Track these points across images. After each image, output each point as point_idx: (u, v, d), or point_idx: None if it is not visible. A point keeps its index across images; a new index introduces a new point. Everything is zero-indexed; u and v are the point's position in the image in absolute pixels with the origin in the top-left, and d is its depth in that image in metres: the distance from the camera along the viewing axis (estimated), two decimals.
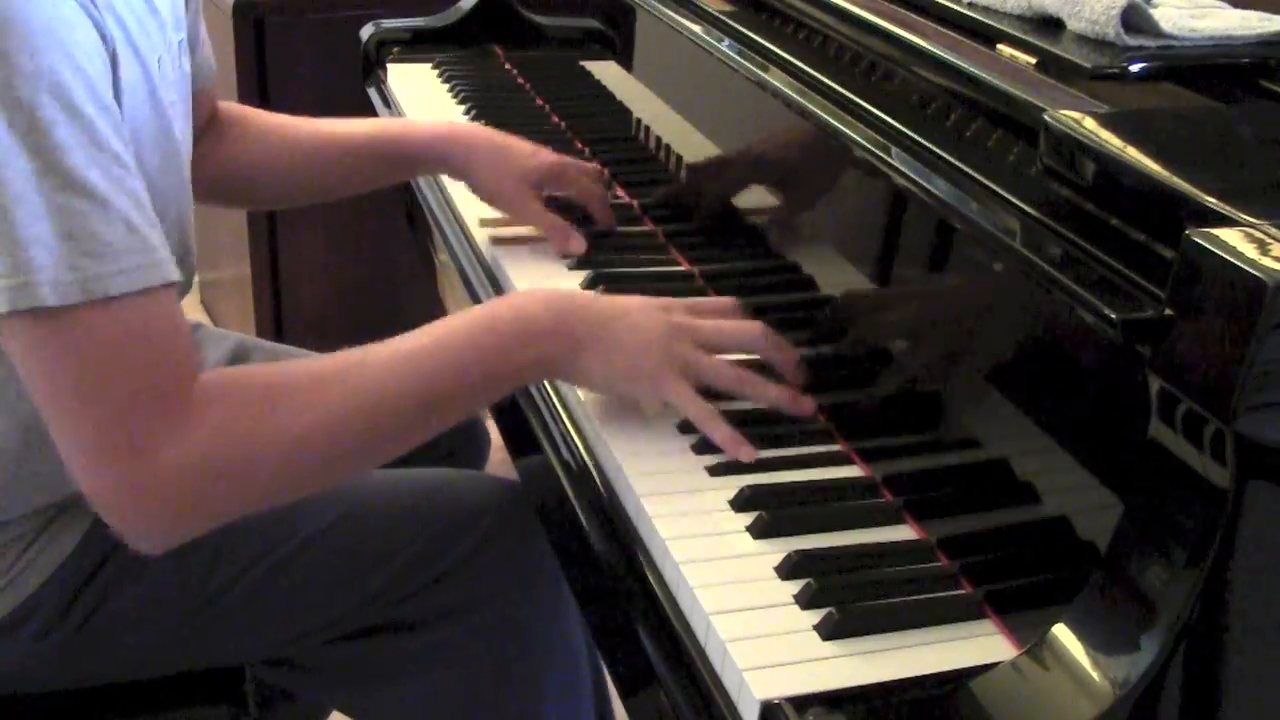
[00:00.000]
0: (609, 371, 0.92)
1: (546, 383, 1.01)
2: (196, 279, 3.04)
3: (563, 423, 0.98)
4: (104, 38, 0.83)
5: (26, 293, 0.76)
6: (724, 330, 0.95)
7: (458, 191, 1.34)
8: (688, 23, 1.24)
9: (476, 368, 0.90)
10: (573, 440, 0.96)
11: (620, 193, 1.35)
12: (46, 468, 0.93)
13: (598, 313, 0.93)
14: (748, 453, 0.89)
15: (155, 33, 0.94)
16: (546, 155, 1.25)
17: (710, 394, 0.92)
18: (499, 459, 1.81)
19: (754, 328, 0.96)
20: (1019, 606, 0.75)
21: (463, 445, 1.30)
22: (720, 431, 0.89)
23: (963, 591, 0.78)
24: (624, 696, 0.83)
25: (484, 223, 1.26)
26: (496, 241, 1.23)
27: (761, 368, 0.95)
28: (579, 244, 1.19)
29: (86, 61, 0.80)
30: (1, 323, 0.78)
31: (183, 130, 1.01)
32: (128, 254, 0.79)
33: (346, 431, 0.86)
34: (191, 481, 0.81)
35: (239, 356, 1.23)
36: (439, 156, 1.26)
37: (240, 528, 1.00)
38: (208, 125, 1.25)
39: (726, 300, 1.02)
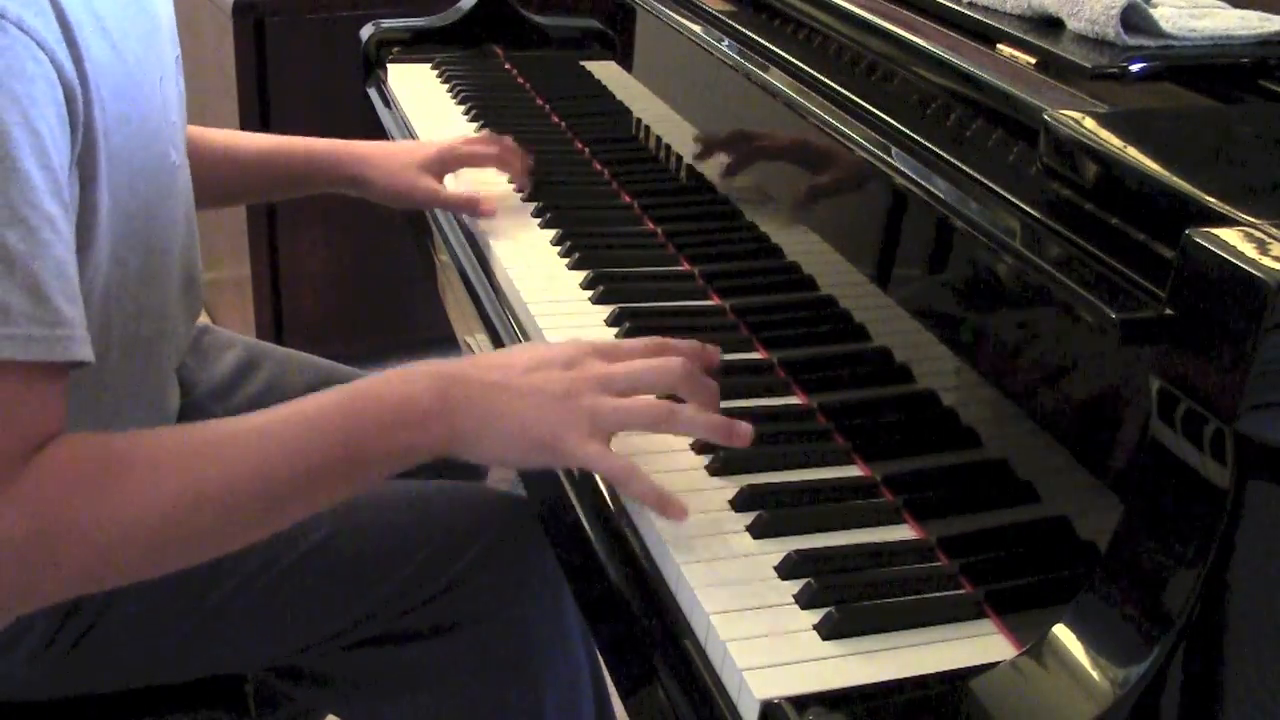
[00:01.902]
0: (507, 446, 0.84)
1: None
2: None
3: None
4: (71, 90, 0.80)
5: None
6: (636, 370, 0.86)
7: (457, 190, 1.34)
8: (688, 23, 1.24)
9: (350, 449, 0.83)
10: None
11: (620, 192, 1.35)
12: None
13: (485, 384, 0.85)
14: (678, 511, 0.81)
15: (157, 49, 0.94)
16: (430, 144, 1.30)
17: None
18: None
19: (672, 363, 0.86)
20: (1019, 606, 0.75)
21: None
22: (644, 488, 0.82)
23: (963, 591, 0.78)
24: (624, 697, 0.83)
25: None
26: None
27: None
28: (489, 206, 1.25)
29: (39, 119, 0.76)
30: None
31: (180, 150, 1.01)
32: (25, 320, 0.74)
33: (196, 515, 0.79)
34: (13, 565, 0.75)
35: (248, 363, 1.22)
36: (331, 169, 1.29)
37: None
38: None
39: (650, 341, 0.91)
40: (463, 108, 1.57)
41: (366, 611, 1.03)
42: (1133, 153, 0.71)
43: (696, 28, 1.22)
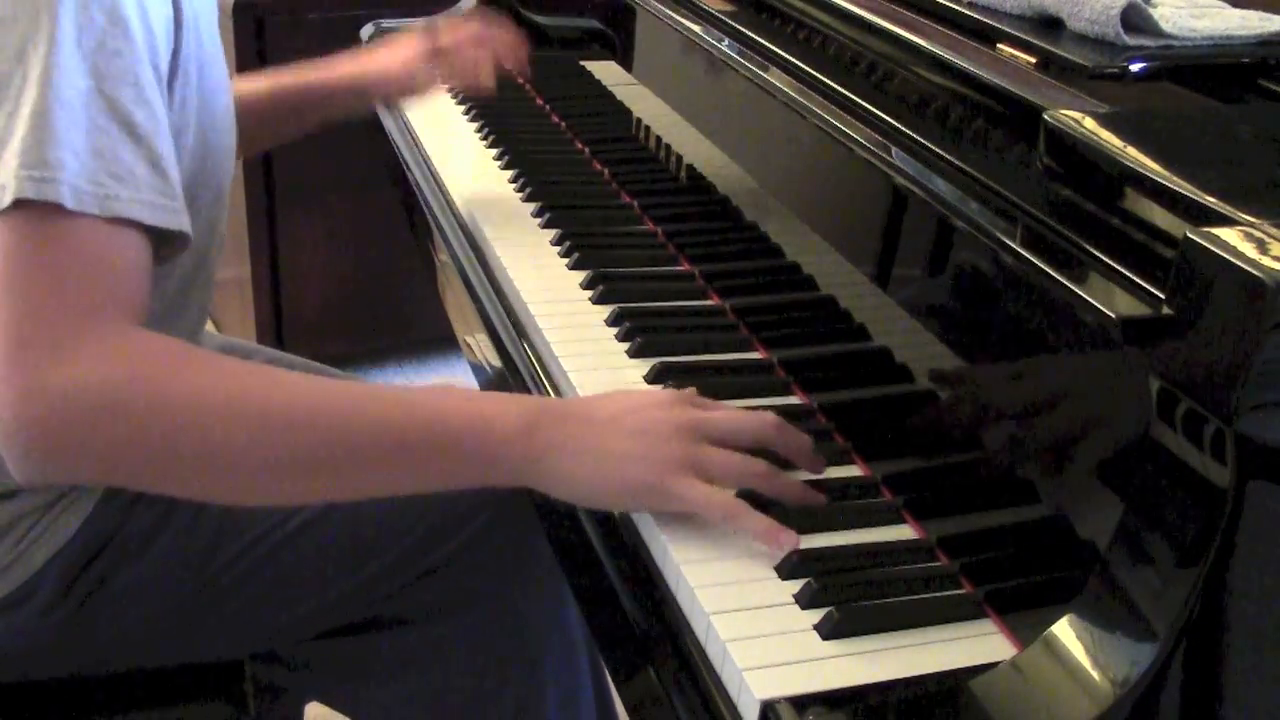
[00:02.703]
0: (600, 484, 0.82)
1: (550, 389, 1.01)
2: None
3: None
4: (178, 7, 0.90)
5: (47, 188, 0.78)
6: (736, 421, 0.86)
7: (457, 191, 1.35)
8: (688, 23, 1.24)
9: (435, 437, 0.83)
10: None
11: (620, 192, 1.35)
12: None
13: (587, 417, 0.84)
14: (790, 539, 0.79)
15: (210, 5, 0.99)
16: (419, 41, 1.36)
17: None
18: None
19: (768, 418, 0.87)
20: (1019, 606, 0.75)
21: None
22: (757, 523, 0.80)
23: (963, 591, 0.78)
24: (623, 696, 0.83)
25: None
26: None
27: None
28: (488, 81, 1.34)
29: (154, 17, 0.86)
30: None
31: (228, 97, 1.04)
32: (149, 190, 0.82)
33: (268, 438, 0.80)
34: (72, 406, 0.77)
35: None
36: (347, 92, 1.36)
37: (240, 514, 1.02)
38: None
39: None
40: (463, 108, 1.57)
41: (360, 587, 1.04)
42: (1133, 153, 0.71)
43: (696, 28, 1.22)
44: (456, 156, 1.45)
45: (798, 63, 1.06)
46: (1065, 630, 0.66)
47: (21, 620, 0.99)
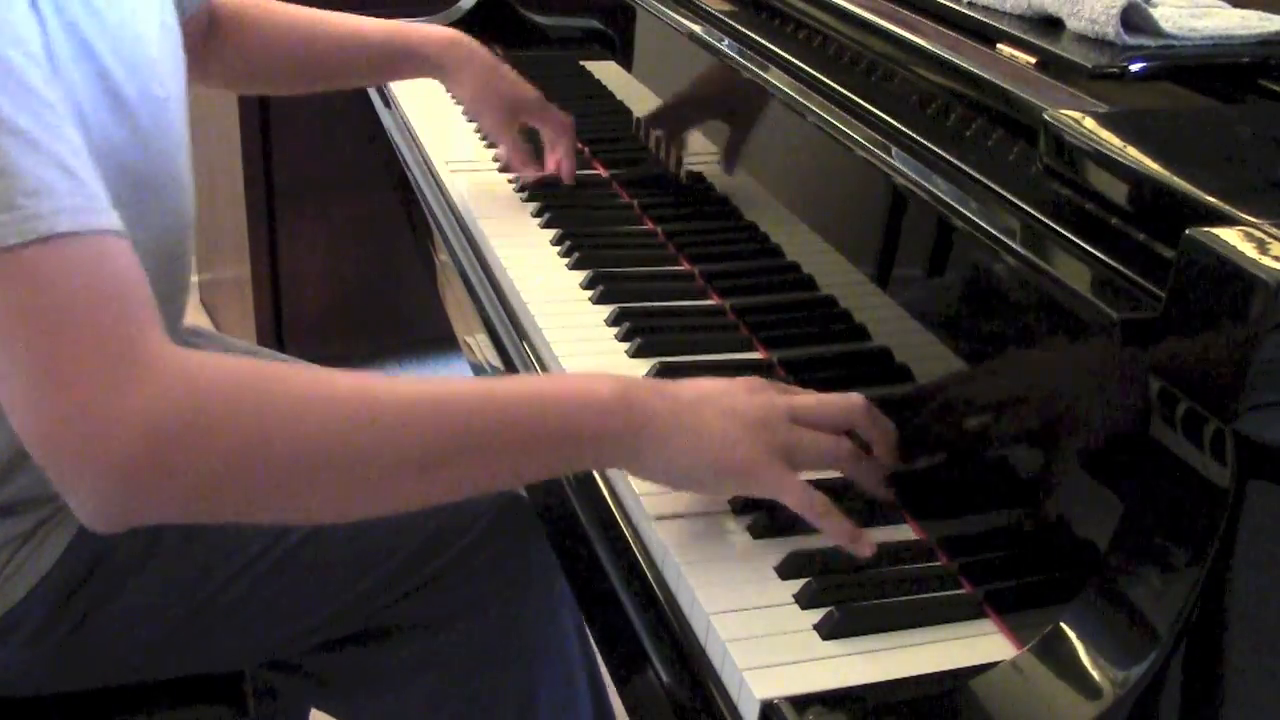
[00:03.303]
0: (696, 462, 0.79)
1: None
2: (195, 279, 3.05)
3: None
4: (40, 21, 0.80)
5: None
6: (826, 404, 0.84)
7: (457, 191, 1.34)
8: (688, 23, 1.24)
9: (527, 424, 0.78)
10: None
11: (620, 192, 1.35)
12: (18, 465, 0.93)
13: (676, 394, 0.81)
14: (868, 546, 0.78)
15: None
16: (531, 88, 1.34)
17: None
18: None
19: (857, 400, 0.85)
20: (1019, 606, 0.75)
21: None
22: (841, 526, 0.78)
23: (963, 591, 0.78)
24: (623, 696, 0.83)
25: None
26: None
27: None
28: (535, 170, 1.31)
29: (12, 13, 0.76)
30: None
31: (170, 89, 0.99)
32: (68, 195, 0.73)
33: (351, 454, 0.75)
34: (150, 437, 0.70)
35: None
36: (435, 59, 1.33)
37: (232, 531, 1.00)
38: (209, 29, 1.29)
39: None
40: (462, 107, 1.57)
41: (357, 600, 1.03)
42: (1133, 153, 0.71)
43: (696, 28, 1.22)
44: (456, 156, 1.45)
45: (798, 63, 1.06)
46: (1065, 630, 0.66)
47: (8, 650, 0.97)
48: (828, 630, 0.73)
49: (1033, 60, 0.88)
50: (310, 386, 0.76)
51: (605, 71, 1.53)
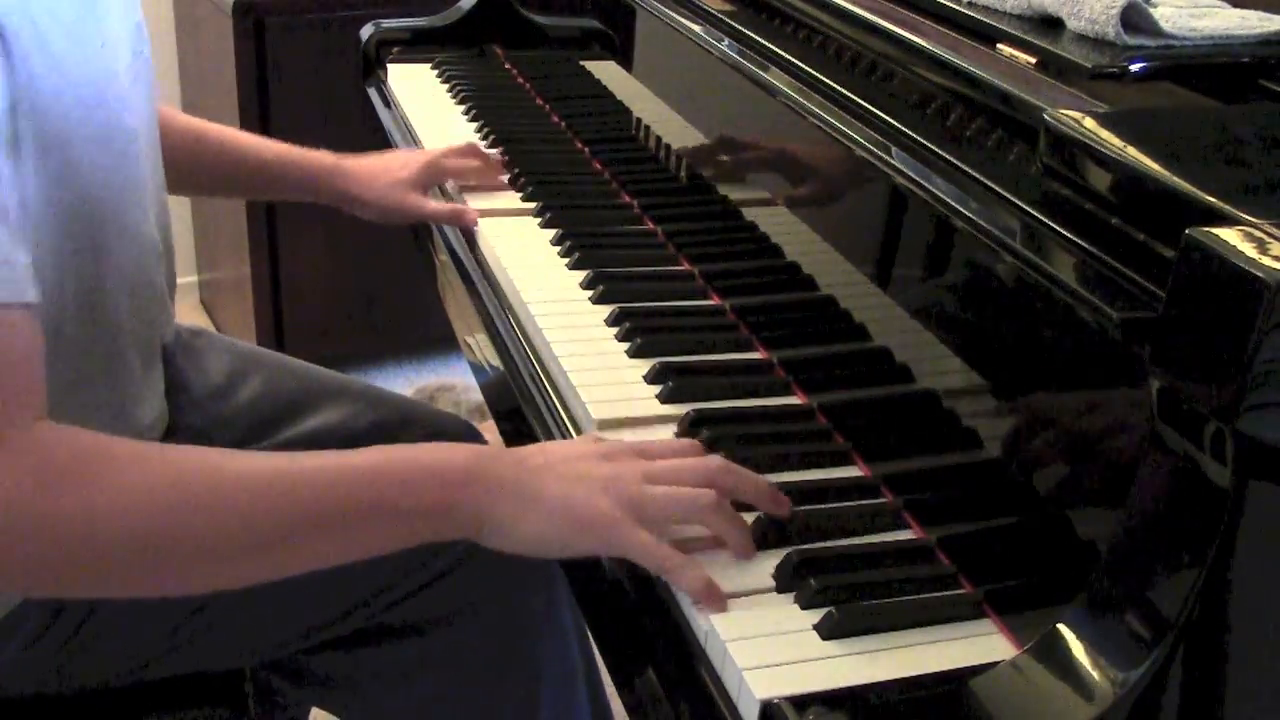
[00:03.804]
0: (548, 528, 0.80)
1: (550, 389, 1.01)
2: (196, 279, 3.05)
3: (563, 424, 0.98)
4: (2, 39, 0.80)
5: None
6: (681, 467, 0.82)
7: (456, 190, 1.34)
8: (688, 23, 1.24)
9: (373, 499, 0.79)
10: None
11: (620, 192, 1.35)
12: None
13: (526, 467, 0.82)
14: (720, 603, 0.76)
15: (101, 17, 0.92)
16: (416, 158, 1.34)
17: None
18: None
19: (714, 462, 0.83)
20: (1019, 606, 0.75)
21: None
22: (696, 580, 0.77)
23: (963, 591, 0.78)
24: (623, 696, 0.83)
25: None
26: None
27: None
28: (471, 214, 1.27)
29: None
30: None
31: (142, 118, 0.99)
32: None
33: (189, 528, 0.75)
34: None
35: (240, 368, 1.22)
36: (327, 187, 1.35)
37: None
38: None
39: (683, 442, 0.89)
40: (462, 107, 1.57)
41: (357, 601, 1.03)
42: (1133, 153, 0.71)
43: (696, 28, 1.22)
44: None
45: (798, 63, 1.06)
46: (1065, 630, 0.66)
47: (8, 653, 0.97)
48: (828, 630, 0.73)
49: (1033, 60, 0.88)
50: (157, 465, 0.76)
51: (605, 71, 1.53)
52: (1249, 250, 0.60)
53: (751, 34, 1.15)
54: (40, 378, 0.76)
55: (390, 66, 1.70)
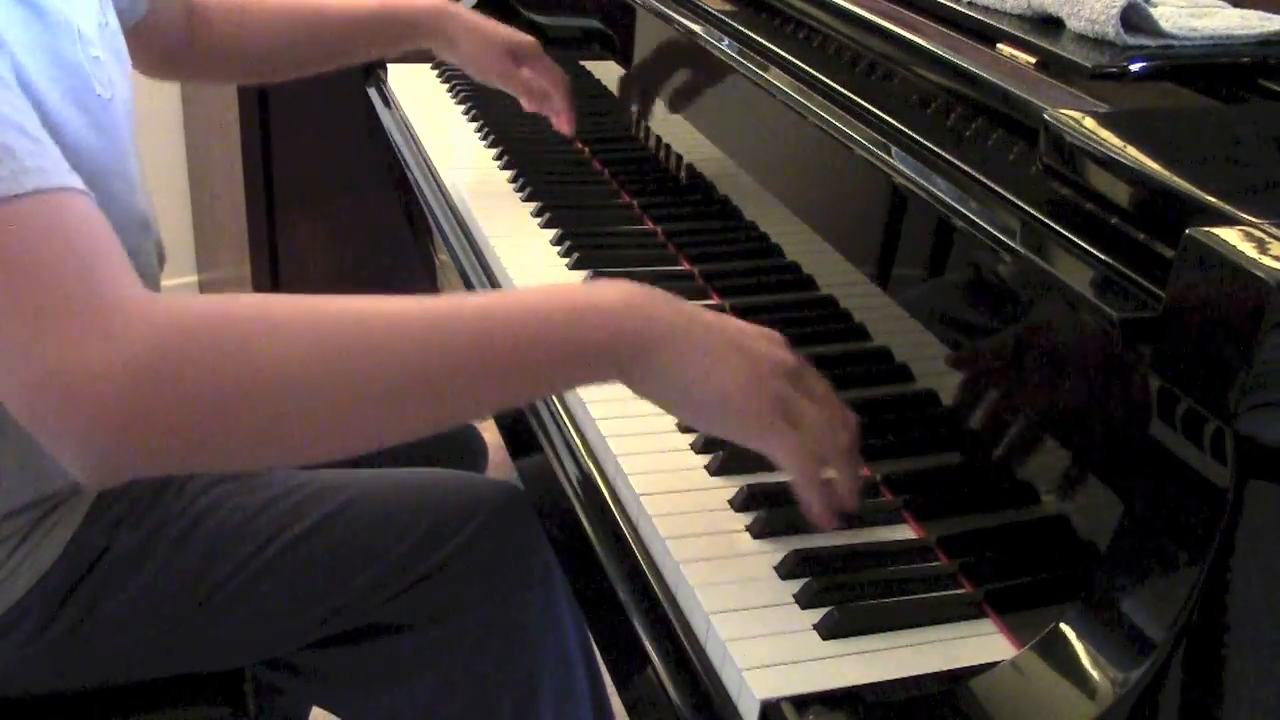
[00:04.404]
0: (701, 388, 0.76)
1: None
2: (196, 279, 3.04)
3: (563, 422, 0.98)
4: None
5: None
6: (829, 395, 0.80)
7: (457, 191, 1.34)
8: (688, 23, 1.24)
9: (525, 341, 0.74)
10: (573, 440, 0.95)
11: (620, 192, 1.35)
12: (17, 461, 0.93)
13: (695, 314, 0.78)
14: (829, 520, 0.78)
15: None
16: (519, 34, 1.37)
17: None
18: (499, 459, 1.81)
19: (853, 418, 0.82)
20: (1019, 606, 0.75)
21: (458, 453, 1.30)
22: (821, 502, 0.77)
23: (963, 591, 0.78)
24: (623, 696, 0.83)
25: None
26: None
27: None
28: (551, 110, 1.34)
29: None
30: None
31: (118, 88, 0.98)
32: (28, 155, 0.72)
33: (344, 380, 0.71)
34: (126, 384, 0.68)
35: None
36: (429, 25, 1.36)
37: (230, 527, 1.01)
38: (194, 27, 1.30)
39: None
40: (462, 108, 1.57)
41: (355, 595, 1.03)
42: (1133, 153, 0.71)
43: (696, 28, 1.22)
44: (456, 156, 1.45)
45: (798, 63, 1.06)
46: (1065, 630, 0.66)
47: (9, 647, 0.98)
48: (828, 630, 0.73)
49: (1033, 60, 0.88)
50: (292, 312, 0.73)
51: (605, 71, 1.53)
52: (1249, 250, 0.60)
53: (751, 34, 1.15)
54: (123, 252, 0.73)
55: (390, 66, 1.70)
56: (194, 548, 1.00)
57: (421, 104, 1.59)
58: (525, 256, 1.20)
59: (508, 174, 1.38)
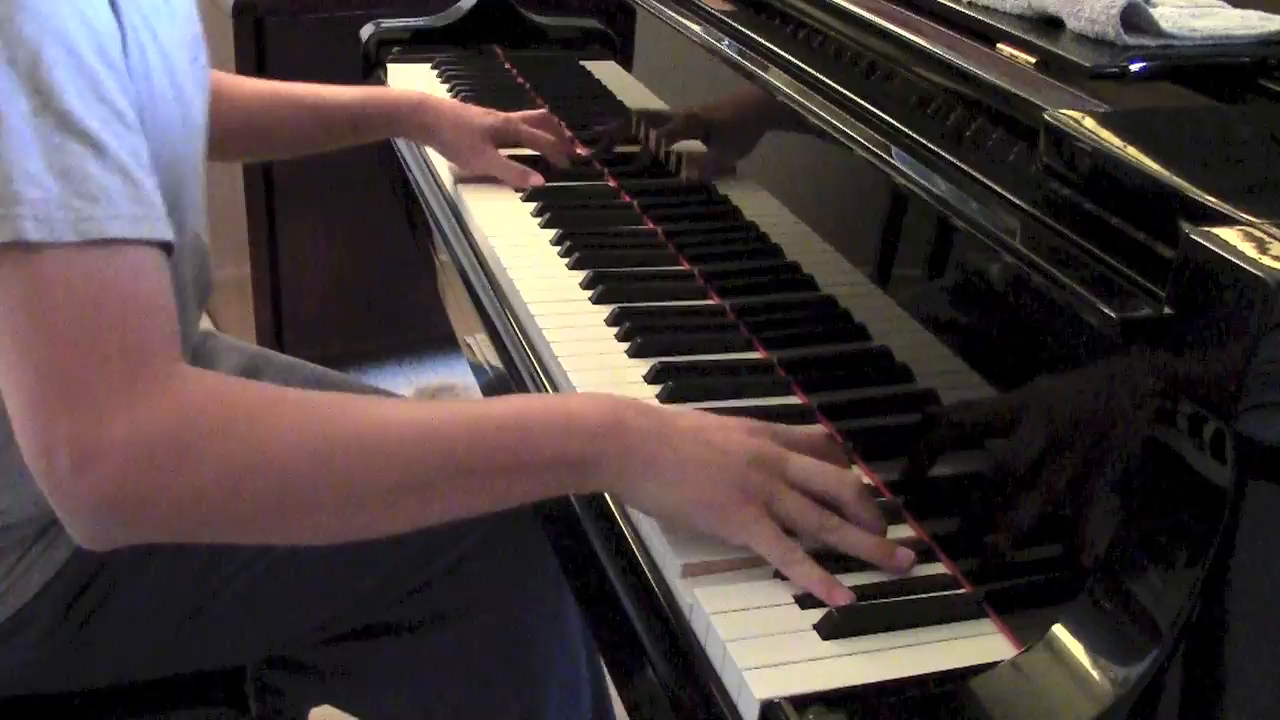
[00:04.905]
0: (675, 496, 0.79)
1: (544, 379, 1.01)
2: None
3: None
4: (116, 12, 0.81)
5: (5, 226, 0.71)
6: (815, 472, 0.81)
7: (457, 190, 1.34)
8: (688, 23, 1.24)
9: (512, 453, 0.79)
10: None
11: (620, 192, 1.35)
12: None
13: (670, 422, 0.81)
14: (842, 595, 0.75)
15: (170, 22, 0.93)
16: (497, 114, 1.38)
17: None
18: None
19: (852, 478, 0.82)
20: (1019, 606, 0.75)
21: None
22: (812, 575, 0.76)
23: (963, 591, 0.78)
24: (623, 696, 0.83)
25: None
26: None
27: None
28: (537, 178, 1.33)
29: (96, 21, 0.78)
30: None
31: (198, 117, 1.01)
32: (125, 201, 0.75)
33: (336, 481, 0.76)
34: (138, 463, 0.71)
35: (250, 371, 1.22)
36: (410, 121, 1.38)
37: None
38: None
39: (818, 433, 0.90)
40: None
41: (358, 598, 1.03)
42: (1133, 152, 0.71)
43: (696, 28, 1.22)
44: None
45: (798, 63, 1.06)
46: (1065, 630, 0.66)
47: (18, 648, 0.98)
48: (828, 630, 0.73)
49: (1033, 60, 0.88)
50: (299, 411, 0.77)
51: (605, 71, 1.53)
52: (1249, 250, 0.60)
53: (751, 34, 1.15)
54: (174, 320, 0.77)
55: (390, 66, 1.70)
56: (200, 547, 1.00)
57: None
58: (525, 256, 1.20)
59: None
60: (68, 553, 0.97)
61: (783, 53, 1.09)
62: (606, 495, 0.88)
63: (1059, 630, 0.66)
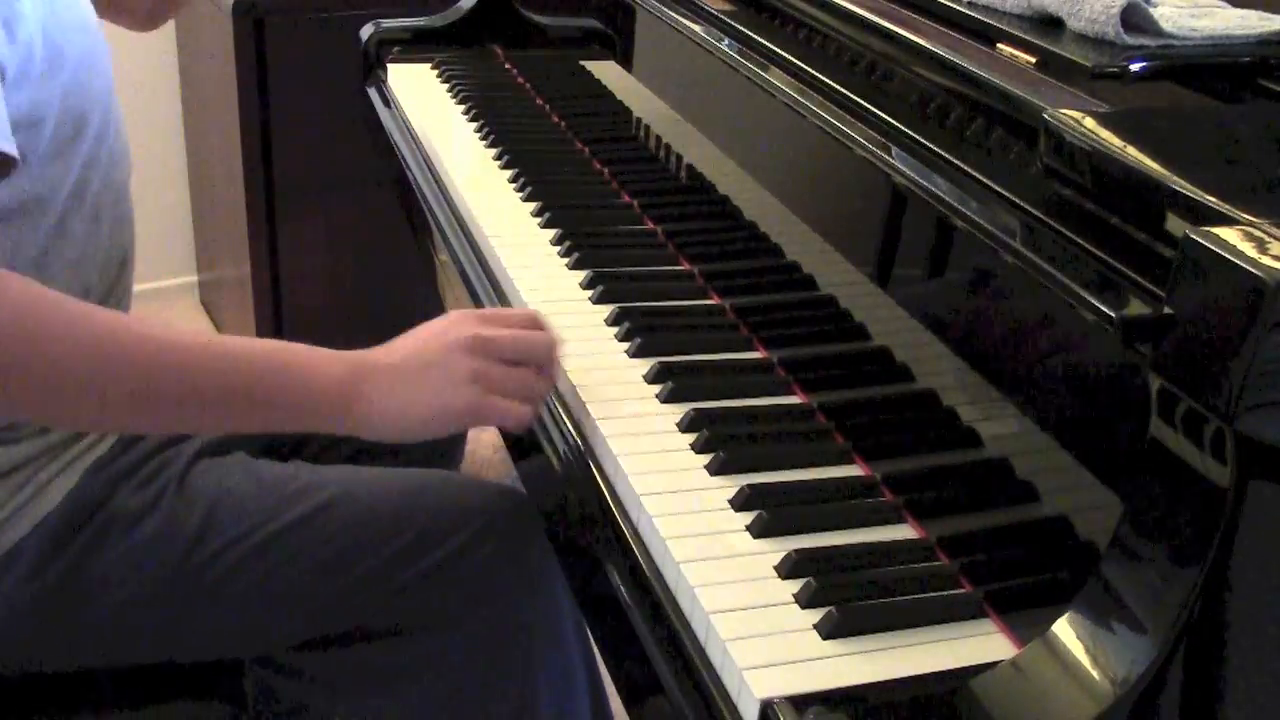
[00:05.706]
0: (416, 419, 0.93)
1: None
2: (195, 279, 3.04)
3: (563, 423, 0.98)
4: None
5: None
6: (521, 340, 0.96)
7: (457, 191, 1.34)
8: (688, 23, 1.24)
9: (239, 383, 0.90)
10: (573, 440, 0.96)
11: (620, 192, 1.35)
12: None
13: (384, 363, 0.95)
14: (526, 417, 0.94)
15: None
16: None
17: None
18: (499, 458, 1.81)
19: (542, 338, 0.98)
20: (1019, 606, 0.75)
21: (436, 450, 1.29)
22: (520, 412, 0.93)
23: (963, 591, 0.78)
24: (623, 696, 0.83)
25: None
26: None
27: None
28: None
29: None
30: None
31: (107, 96, 1.04)
32: None
33: (90, 379, 0.85)
34: None
35: None
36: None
37: (228, 503, 1.02)
38: None
39: (523, 310, 1.03)
40: (462, 107, 1.57)
41: (349, 591, 1.03)
42: (1133, 152, 0.71)
43: (696, 28, 1.22)
44: (456, 156, 1.45)
45: (798, 63, 1.06)
46: (1065, 630, 0.66)
47: (7, 587, 0.99)
48: (828, 630, 0.73)
49: (1033, 60, 0.88)
50: (73, 316, 0.85)
51: (605, 71, 1.53)
52: (1249, 250, 0.60)
53: (751, 34, 1.15)
54: None
55: (390, 66, 1.70)
56: (192, 517, 1.02)
57: (421, 104, 1.59)
58: (525, 256, 1.20)
59: (508, 174, 1.38)
60: (58, 499, 0.99)
61: (783, 53, 1.09)
62: (606, 495, 0.89)
63: (1059, 630, 0.66)
